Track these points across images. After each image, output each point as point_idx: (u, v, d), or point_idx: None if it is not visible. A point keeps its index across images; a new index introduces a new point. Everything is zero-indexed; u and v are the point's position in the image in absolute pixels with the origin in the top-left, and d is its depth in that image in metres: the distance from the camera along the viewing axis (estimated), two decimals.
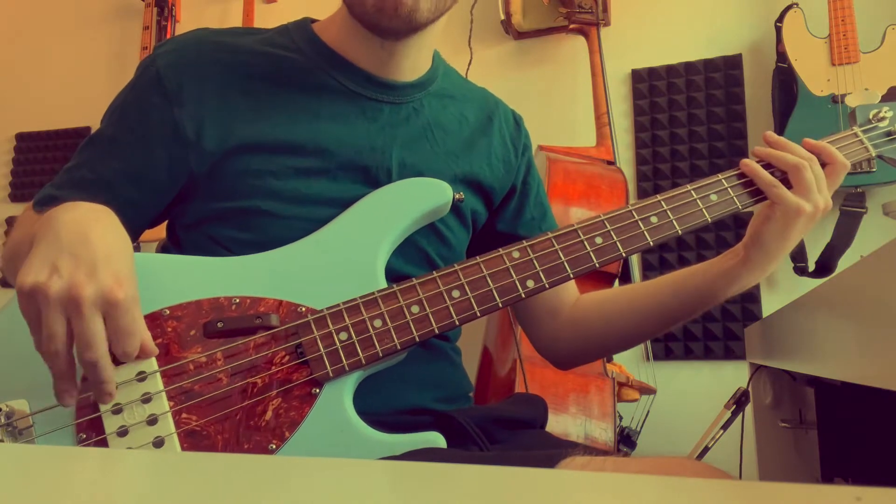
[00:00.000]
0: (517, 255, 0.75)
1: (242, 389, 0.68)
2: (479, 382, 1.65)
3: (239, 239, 0.77)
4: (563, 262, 0.75)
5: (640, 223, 0.77)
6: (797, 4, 1.88)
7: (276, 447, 0.66)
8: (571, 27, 1.97)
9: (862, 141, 0.86)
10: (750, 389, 1.28)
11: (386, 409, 0.75)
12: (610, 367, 1.54)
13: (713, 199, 0.80)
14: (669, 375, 1.92)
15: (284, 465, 0.35)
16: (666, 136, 2.04)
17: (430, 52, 0.87)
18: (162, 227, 0.86)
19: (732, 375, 1.85)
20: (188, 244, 0.81)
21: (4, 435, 0.64)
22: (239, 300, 0.71)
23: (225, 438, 0.66)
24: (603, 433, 1.39)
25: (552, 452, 0.63)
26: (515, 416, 0.83)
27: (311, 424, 0.67)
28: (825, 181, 0.79)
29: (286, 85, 0.81)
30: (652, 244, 0.77)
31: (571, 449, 0.64)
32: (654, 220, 0.78)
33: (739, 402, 1.29)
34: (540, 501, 0.27)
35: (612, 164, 1.79)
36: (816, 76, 1.81)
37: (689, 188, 0.80)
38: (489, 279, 0.73)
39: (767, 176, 0.79)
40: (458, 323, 0.71)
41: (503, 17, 2.13)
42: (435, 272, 0.73)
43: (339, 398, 0.68)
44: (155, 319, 0.69)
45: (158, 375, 0.66)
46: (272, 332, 0.69)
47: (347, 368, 0.68)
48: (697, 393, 1.88)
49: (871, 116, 0.88)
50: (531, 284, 0.74)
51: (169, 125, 0.78)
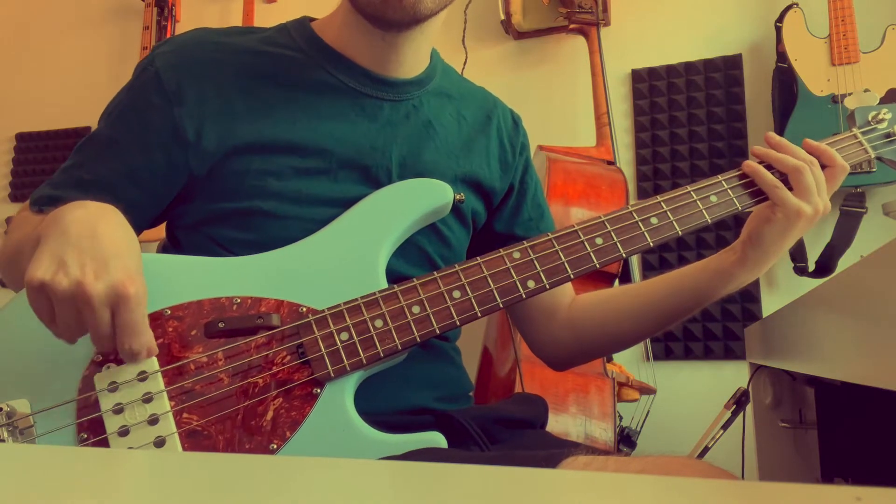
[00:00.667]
0: (518, 255, 0.75)
1: (243, 389, 0.68)
2: (479, 382, 1.65)
3: (239, 239, 0.77)
4: (563, 262, 0.75)
5: (640, 224, 0.78)
6: (797, 4, 1.88)
7: (277, 447, 0.66)
8: (571, 27, 1.97)
9: (861, 143, 0.86)
10: (750, 389, 1.28)
11: (387, 408, 0.75)
12: (610, 367, 1.54)
13: (713, 200, 0.80)
14: (669, 375, 1.92)
15: (285, 465, 0.35)
16: (666, 136, 2.04)
17: (428, 49, 0.88)
18: (162, 227, 0.86)
19: (732, 375, 1.85)
20: (188, 245, 0.81)
21: (5, 434, 0.64)
22: (240, 300, 0.71)
23: (226, 438, 0.66)
24: (603, 433, 1.39)
25: (554, 452, 0.63)
26: (516, 415, 0.83)
27: (312, 424, 0.67)
28: (825, 184, 0.80)
29: (286, 83, 0.81)
30: (652, 245, 0.77)
31: (573, 449, 0.64)
32: (654, 220, 0.78)
33: (739, 402, 1.29)
34: (541, 501, 0.27)
35: (612, 164, 1.79)
36: (816, 76, 1.81)
37: (689, 189, 0.80)
38: (490, 279, 0.73)
39: (770, 177, 0.79)
40: (458, 323, 0.72)
41: (503, 17, 2.13)
42: (436, 272, 0.73)
43: (340, 398, 0.68)
44: (156, 319, 0.69)
45: (160, 375, 0.66)
46: (273, 332, 0.69)
47: (349, 368, 0.68)
48: (697, 393, 1.88)
49: (870, 118, 0.89)
50: (532, 285, 0.74)
51: (168, 126, 0.78)
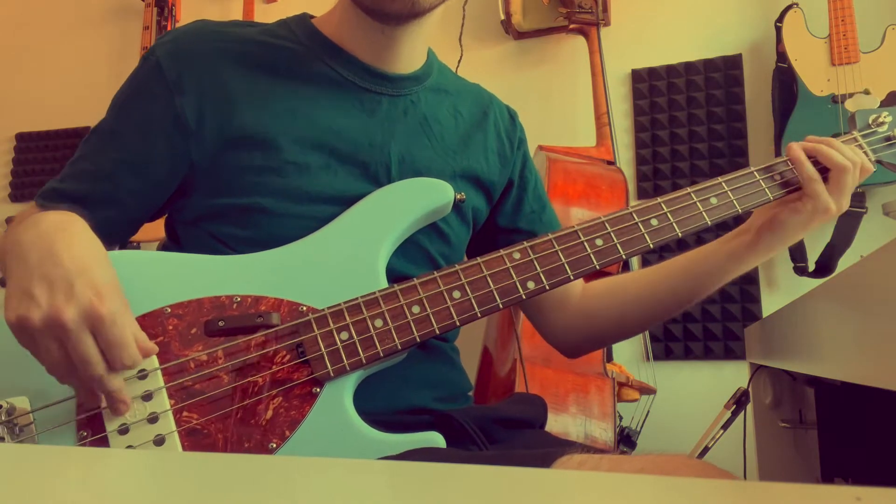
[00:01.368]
0: (518, 255, 0.75)
1: (243, 388, 0.68)
2: (479, 382, 1.65)
3: (238, 236, 0.77)
4: (563, 263, 0.75)
5: (640, 225, 0.78)
6: (797, 4, 1.88)
7: (276, 446, 0.67)
8: (571, 27, 1.97)
9: (862, 146, 0.87)
10: (750, 389, 1.28)
11: (386, 408, 0.75)
12: (610, 367, 1.54)
13: (713, 202, 0.80)
14: (669, 375, 1.92)
15: (284, 464, 0.35)
16: (666, 136, 2.04)
17: (426, 44, 0.88)
18: (161, 226, 0.86)
19: (732, 375, 1.85)
20: (188, 241, 0.81)
21: (5, 432, 0.64)
22: (240, 299, 0.71)
23: (225, 437, 0.66)
24: (603, 433, 1.39)
25: (548, 451, 0.63)
26: (515, 415, 0.83)
27: (311, 423, 0.67)
28: (854, 188, 0.81)
29: (286, 74, 0.81)
30: (652, 246, 0.77)
31: (568, 447, 0.64)
32: (654, 222, 0.78)
33: (739, 402, 1.29)
34: (539, 501, 0.27)
35: (612, 164, 1.79)
36: (816, 76, 1.81)
37: (689, 191, 0.80)
38: (490, 280, 0.73)
39: (811, 168, 0.80)
40: (458, 323, 0.72)
41: (503, 16, 2.13)
42: (436, 272, 0.73)
43: (339, 398, 0.68)
44: (156, 317, 0.69)
45: (159, 373, 0.66)
46: (273, 330, 0.69)
47: (348, 368, 0.68)
48: (697, 393, 1.88)
49: (870, 121, 0.89)
50: (532, 286, 0.74)
51: (170, 114, 0.78)
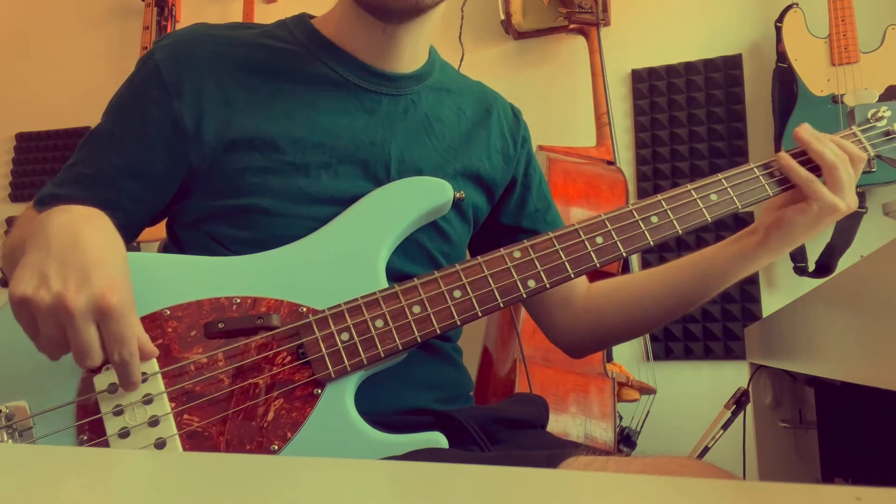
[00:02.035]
0: (518, 254, 0.75)
1: (244, 390, 0.68)
2: (479, 382, 1.65)
3: (239, 237, 0.77)
4: (564, 261, 0.75)
5: (640, 223, 0.78)
6: (797, 4, 1.88)
7: (278, 448, 0.66)
8: (571, 27, 1.97)
9: (861, 141, 0.86)
10: (750, 389, 1.28)
11: (387, 409, 0.75)
12: (610, 367, 1.54)
13: (713, 198, 0.80)
14: (669, 375, 1.92)
15: (286, 465, 0.35)
16: (666, 136, 2.04)
17: (427, 43, 0.88)
18: (162, 227, 0.86)
19: (732, 375, 1.85)
20: (188, 242, 0.81)
21: (5, 437, 0.64)
22: (240, 300, 0.71)
23: (227, 439, 0.66)
24: (603, 433, 1.39)
25: (555, 452, 0.63)
26: (516, 416, 0.83)
27: (312, 425, 0.67)
28: (854, 181, 0.80)
29: (285, 76, 0.81)
30: (652, 244, 0.77)
31: (574, 449, 0.64)
32: (654, 219, 0.78)
33: (739, 402, 1.29)
34: (542, 502, 0.27)
35: (612, 164, 1.79)
36: (816, 76, 1.81)
37: (689, 188, 0.80)
38: (490, 279, 0.73)
39: (805, 172, 0.79)
40: (459, 323, 0.72)
41: (503, 17, 2.13)
42: (436, 272, 0.73)
43: (340, 399, 0.68)
44: (155, 320, 0.69)
45: (160, 377, 0.66)
46: (273, 332, 0.69)
47: (349, 369, 0.68)
48: (697, 393, 1.88)
49: (869, 116, 0.88)
50: (532, 284, 0.74)
51: (168, 118, 0.78)
